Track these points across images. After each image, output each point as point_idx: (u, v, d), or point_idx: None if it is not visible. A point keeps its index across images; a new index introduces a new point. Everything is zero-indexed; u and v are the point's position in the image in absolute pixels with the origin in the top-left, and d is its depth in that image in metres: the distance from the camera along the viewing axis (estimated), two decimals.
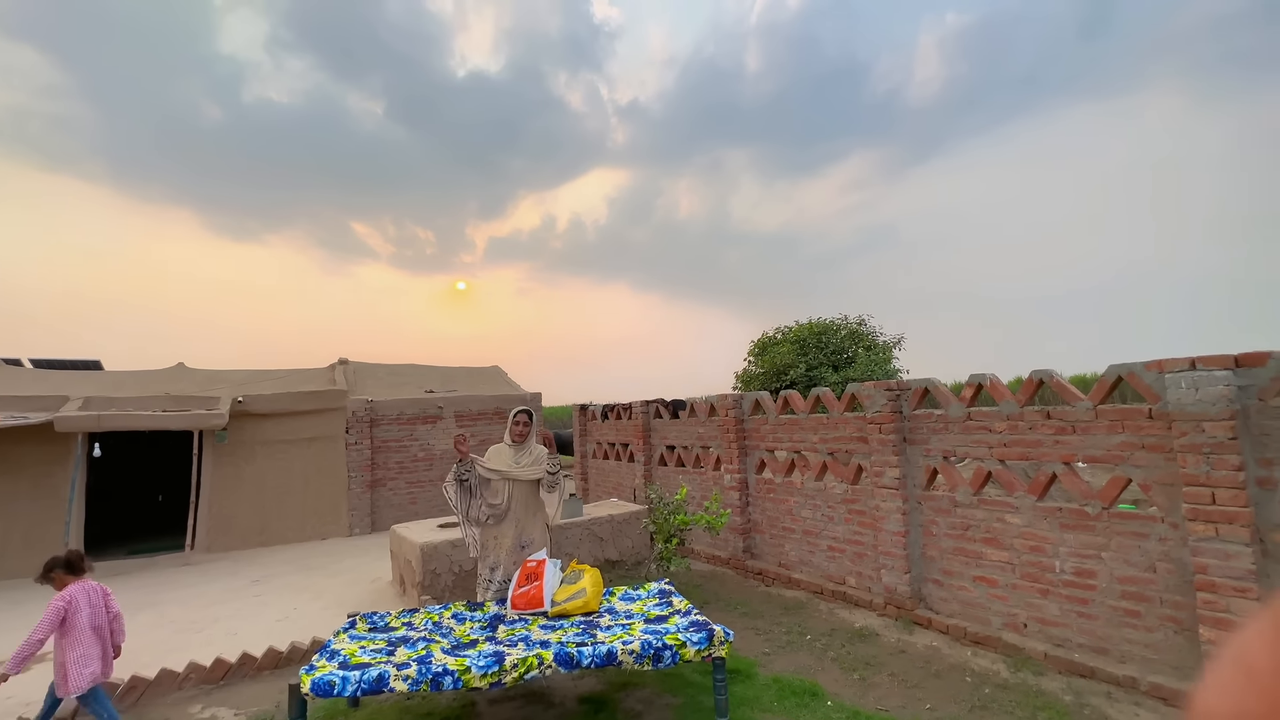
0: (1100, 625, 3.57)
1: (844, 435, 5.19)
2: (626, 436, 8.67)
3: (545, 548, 4.16)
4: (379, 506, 9.33)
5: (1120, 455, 3.49)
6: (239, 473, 8.41)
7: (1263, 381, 3.00)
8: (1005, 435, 4.04)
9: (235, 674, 4.07)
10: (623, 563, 6.26)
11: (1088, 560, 3.63)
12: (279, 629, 4.96)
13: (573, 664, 2.95)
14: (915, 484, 4.61)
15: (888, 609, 4.67)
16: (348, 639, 3.34)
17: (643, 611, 3.66)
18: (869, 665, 3.90)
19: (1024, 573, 3.93)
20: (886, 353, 15.72)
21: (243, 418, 8.44)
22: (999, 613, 4.05)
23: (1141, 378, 3.42)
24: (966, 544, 4.26)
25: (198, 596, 6.05)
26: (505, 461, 4.14)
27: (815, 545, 5.47)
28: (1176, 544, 3.27)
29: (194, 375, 9.81)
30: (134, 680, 3.79)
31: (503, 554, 4.06)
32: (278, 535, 8.51)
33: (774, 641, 4.37)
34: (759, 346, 16.84)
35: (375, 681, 2.75)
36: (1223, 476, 3.03)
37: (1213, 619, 3.06)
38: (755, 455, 6.23)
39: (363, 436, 9.29)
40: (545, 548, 4.16)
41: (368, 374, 10.78)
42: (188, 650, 4.48)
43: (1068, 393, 3.77)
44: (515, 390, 11.20)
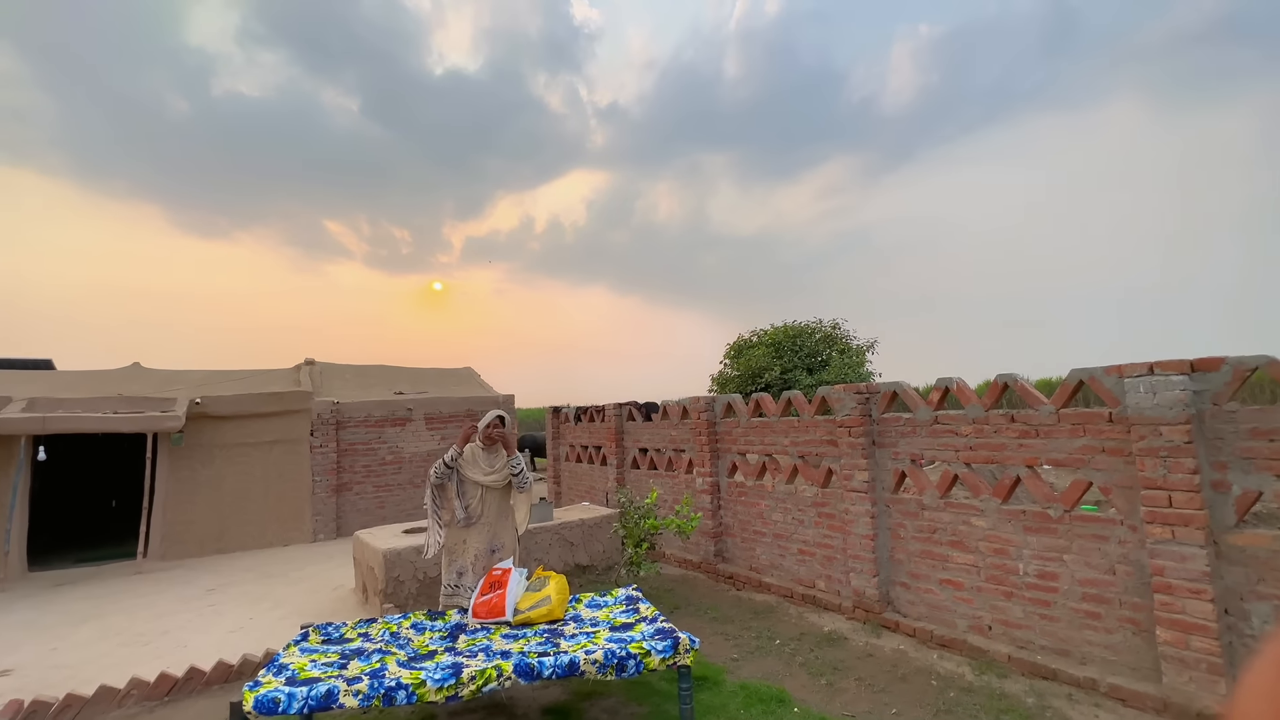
0: (1062, 627, 3.60)
1: (814, 438, 5.18)
2: (599, 439, 8.58)
3: (514, 554, 4.08)
4: (345, 511, 9.08)
5: (1081, 459, 3.53)
6: (195, 477, 8.10)
7: (1217, 386, 3.05)
8: (971, 438, 4.07)
9: (181, 689, 3.87)
10: (594, 567, 6.17)
11: (1050, 563, 3.66)
12: (232, 640, 4.76)
13: (534, 675, 2.86)
14: (884, 487, 4.61)
15: (856, 612, 4.67)
16: (298, 652, 3.19)
17: (609, 619, 3.58)
18: (836, 670, 3.88)
19: (989, 575, 3.95)
20: (860, 356, 15.90)
21: (201, 420, 8.14)
22: (964, 615, 4.07)
23: (1102, 382, 3.46)
24: (933, 547, 4.27)
25: (147, 607, 5.79)
26: (478, 467, 4.05)
27: (786, 549, 5.46)
28: (1135, 546, 3.31)
29: (150, 375, 9.44)
30: (69, 699, 3.58)
31: (469, 559, 3.95)
32: (237, 542, 8.22)
33: (743, 647, 4.33)
34: (735, 349, 16.90)
35: (324, 698, 2.62)
36: (1179, 480, 3.08)
37: (1169, 620, 3.10)
38: (727, 458, 6.20)
39: (328, 439, 9.04)
40: (514, 554, 4.08)
41: (335, 375, 10.51)
42: (132, 665, 4.26)
43: (1031, 397, 3.80)
44: (487, 392, 11.02)
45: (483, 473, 4.03)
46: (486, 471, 4.04)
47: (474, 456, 4.09)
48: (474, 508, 4.00)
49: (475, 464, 4.07)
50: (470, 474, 4.02)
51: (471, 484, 4.03)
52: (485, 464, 4.08)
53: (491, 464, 4.09)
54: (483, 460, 4.08)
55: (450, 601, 3.96)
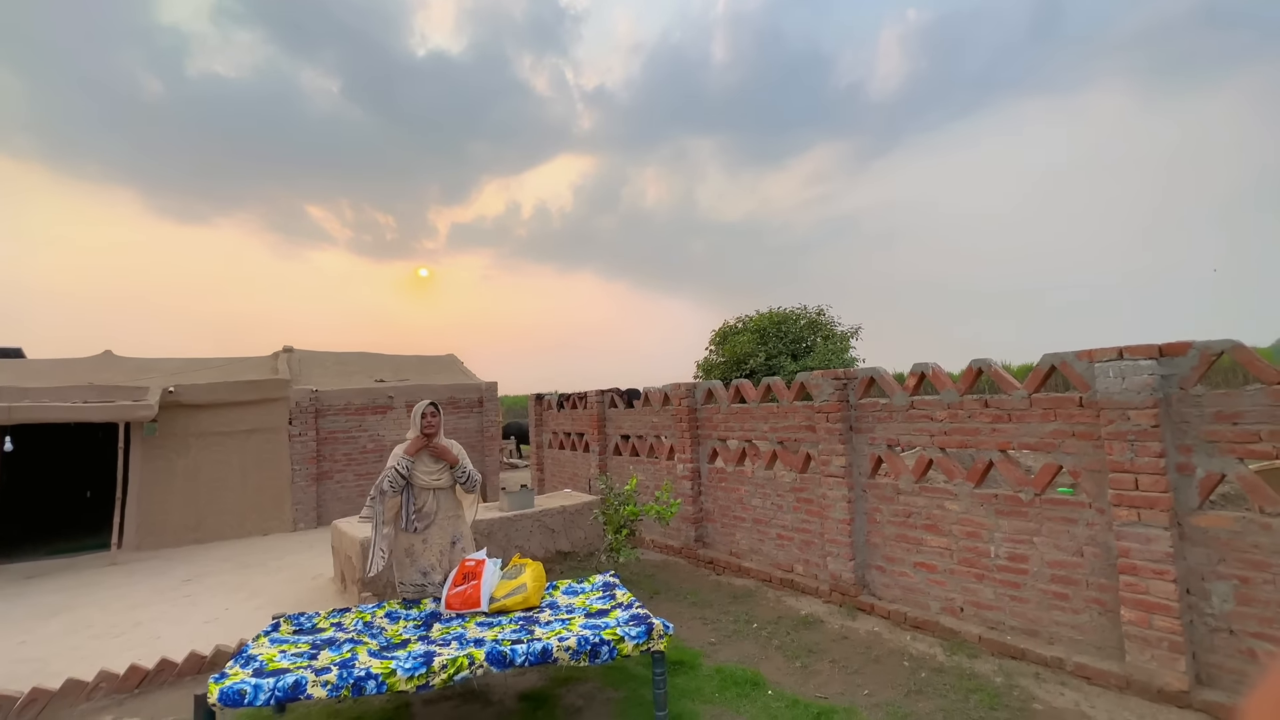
0: (1031, 608, 3.66)
1: (793, 424, 5.20)
2: (582, 426, 8.56)
3: (473, 543, 4.05)
4: (325, 500, 9.00)
5: (1052, 443, 3.57)
6: (171, 467, 7.96)
7: (1184, 371, 3.09)
8: (946, 424, 4.09)
9: (152, 681, 3.82)
10: (575, 554, 6.18)
11: (1021, 545, 3.72)
12: (207, 631, 4.70)
13: (506, 663, 2.85)
14: (861, 472, 4.64)
15: (833, 596, 4.72)
16: (268, 643, 3.15)
17: (585, 605, 3.58)
18: (811, 653, 3.92)
19: (961, 558, 4.00)
20: (844, 342, 15.99)
21: (175, 409, 7.98)
22: (938, 597, 4.13)
23: (1073, 367, 3.49)
24: (908, 531, 4.32)
25: (120, 599, 5.70)
26: (424, 462, 3.96)
27: (765, 534, 5.49)
28: (1103, 529, 3.36)
29: (122, 364, 9.23)
30: (34, 692, 3.51)
31: (434, 557, 3.89)
32: (214, 531, 8.12)
33: (721, 631, 4.36)
34: (720, 336, 16.92)
35: (290, 689, 2.59)
36: (1145, 463, 3.12)
37: (1133, 600, 3.15)
38: (708, 444, 6.21)
39: (307, 427, 8.92)
40: (473, 543, 4.05)
41: (314, 363, 10.36)
42: (103, 657, 4.20)
43: (1004, 382, 3.83)
44: (470, 379, 10.94)
45: (428, 473, 3.94)
46: (432, 471, 3.95)
47: (421, 460, 3.98)
48: (428, 508, 3.92)
49: (421, 463, 3.96)
50: (418, 475, 3.92)
51: (420, 486, 3.93)
52: (431, 463, 3.98)
53: (437, 462, 4.00)
54: (429, 459, 3.99)
55: (419, 595, 3.90)
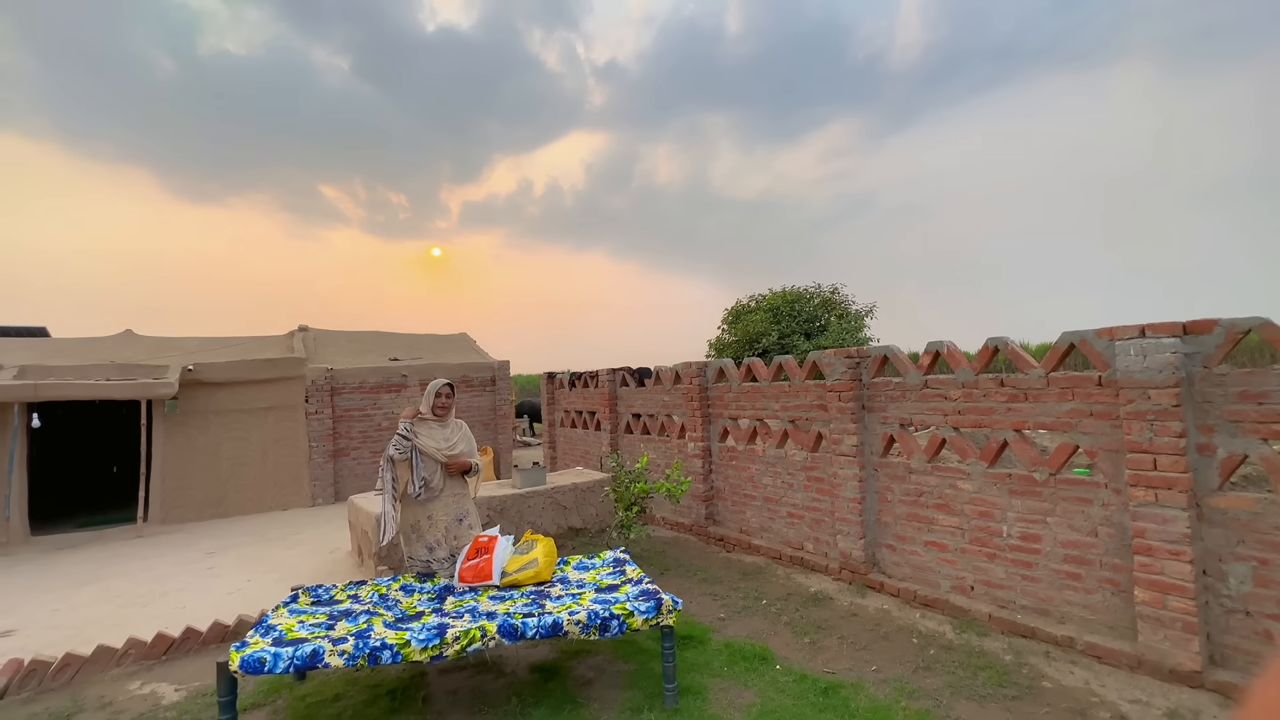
0: (1043, 587, 3.64)
1: (805, 403, 5.17)
2: (593, 405, 8.60)
3: (479, 520, 4.09)
4: (342, 476, 9.17)
5: (1069, 422, 3.51)
6: (191, 443, 8.15)
7: (1208, 349, 3.00)
8: (960, 403, 4.04)
9: (178, 649, 3.96)
10: (586, 530, 6.25)
11: (1034, 525, 3.69)
12: (229, 602, 4.85)
13: (517, 635, 2.90)
14: (872, 451, 4.62)
15: (843, 573, 4.73)
16: (287, 613, 3.24)
17: (595, 580, 3.63)
18: (820, 629, 3.95)
19: (973, 537, 3.98)
20: (858, 321, 15.83)
21: (194, 387, 8.13)
22: (948, 576, 4.13)
23: (1093, 345, 3.41)
24: (919, 510, 4.30)
25: (147, 569, 5.89)
26: (435, 439, 3.97)
27: (775, 512, 5.51)
28: (1118, 509, 3.32)
29: (143, 343, 9.40)
30: (68, 658, 3.66)
31: (440, 533, 3.94)
32: (236, 506, 8.32)
33: (730, 607, 4.41)
34: (733, 314, 16.83)
35: (309, 658, 2.67)
36: (1165, 443, 3.06)
37: (1147, 580, 3.12)
38: (719, 423, 6.21)
39: (324, 405, 9.06)
40: (479, 520, 4.09)
41: (329, 341, 10.47)
42: (131, 625, 4.35)
43: (1021, 360, 3.76)
44: (482, 358, 11.00)
45: (437, 446, 3.95)
46: (441, 445, 3.96)
47: (428, 429, 3.99)
48: (435, 482, 3.95)
49: (430, 436, 3.96)
50: (427, 447, 3.93)
51: (429, 458, 3.94)
52: (441, 437, 3.99)
53: (447, 437, 4.00)
54: (438, 433, 3.99)
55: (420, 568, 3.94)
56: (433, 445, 3.95)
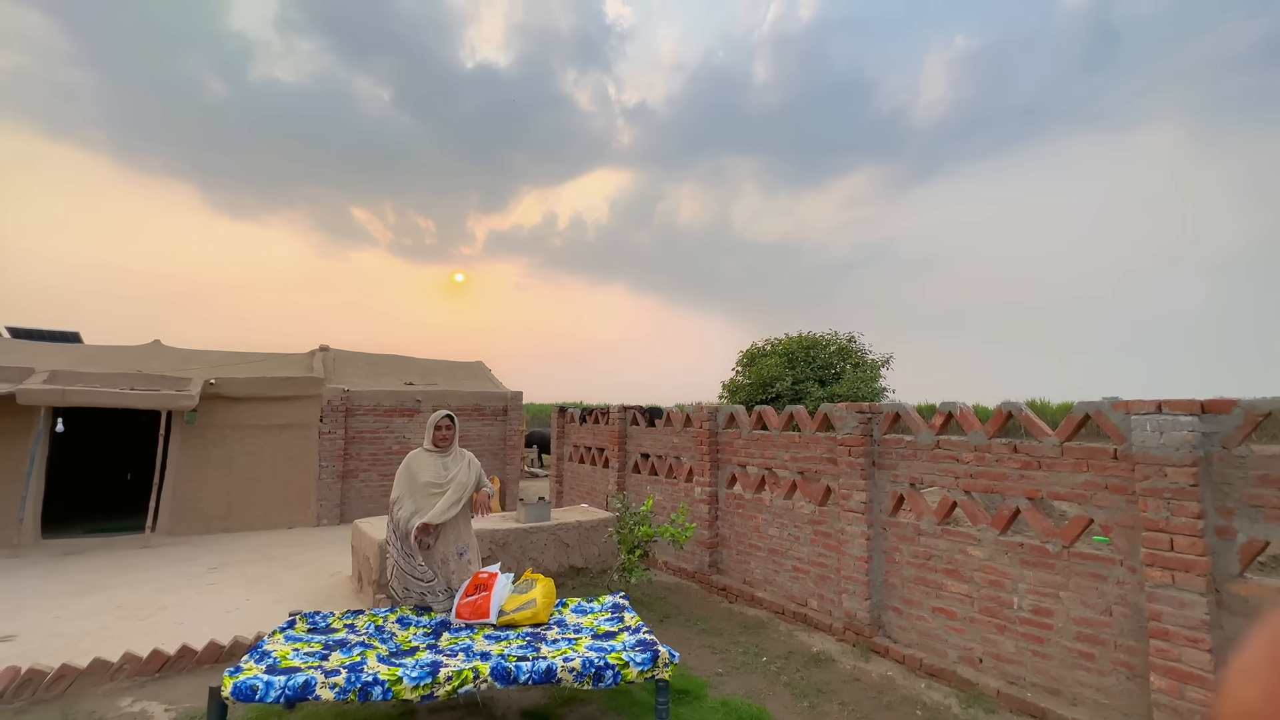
0: (1054, 665, 3.51)
1: (814, 455, 5.13)
2: (603, 441, 8.59)
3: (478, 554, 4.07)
4: (349, 498, 9.20)
5: (1084, 494, 3.45)
6: (206, 456, 8.26)
7: (1227, 429, 2.96)
8: (972, 466, 3.99)
9: (172, 667, 3.95)
10: (588, 570, 6.17)
11: (1046, 598, 3.58)
12: (228, 621, 4.84)
13: (510, 679, 2.87)
14: (881, 509, 4.55)
15: (846, 634, 4.61)
16: (282, 639, 3.24)
17: (593, 626, 3.58)
18: (821, 692, 3.83)
19: (982, 606, 3.87)
20: (874, 371, 15.71)
21: (214, 400, 8.30)
22: (956, 645, 4.00)
23: (1108, 417, 3.37)
24: (928, 573, 4.20)
25: (150, 582, 5.91)
26: (434, 471, 3.96)
27: (780, 565, 5.41)
28: (1133, 589, 3.22)
29: (169, 354, 9.66)
30: (63, 669, 3.67)
31: (436, 563, 3.92)
32: (243, 521, 8.37)
33: (729, 662, 4.30)
34: (747, 357, 16.81)
35: (300, 689, 2.65)
36: (1182, 523, 2.98)
37: (1164, 667, 3.00)
38: (727, 469, 6.17)
39: (337, 426, 9.16)
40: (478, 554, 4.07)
41: (347, 362, 10.66)
42: (129, 639, 4.36)
43: (1035, 427, 3.72)
44: (496, 387, 11.09)
45: (436, 477, 3.92)
46: (441, 477, 3.93)
47: (424, 462, 3.97)
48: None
49: (428, 469, 3.94)
50: (425, 480, 3.90)
51: (425, 491, 3.90)
52: (440, 469, 3.96)
53: (446, 466, 3.97)
54: (437, 465, 3.97)
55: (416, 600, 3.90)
56: (429, 477, 3.93)
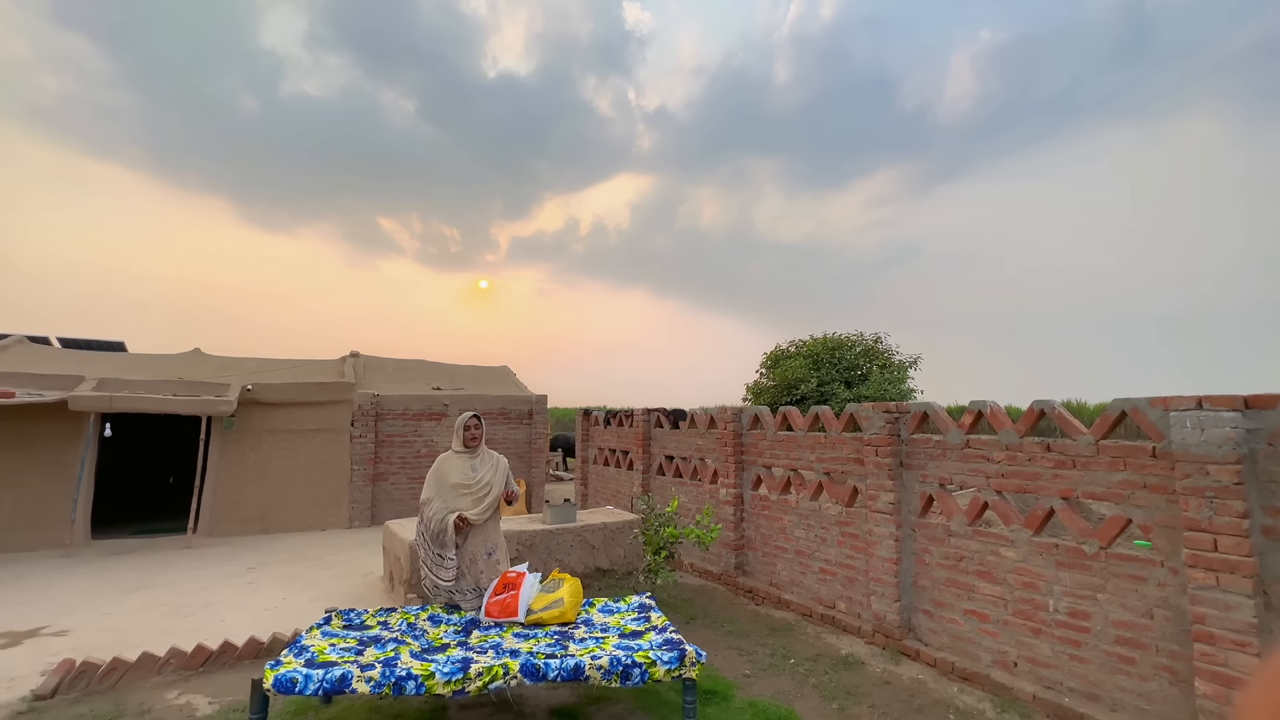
0: (1093, 670, 3.42)
1: (841, 456, 5.08)
2: (627, 444, 8.63)
3: (506, 553, 4.12)
4: (380, 500, 9.40)
5: (1121, 494, 3.36)
6: (244, 459, 8.53)
7: (1273, 425, 2.86)
8: (1004, 465, 3.92)
9: (215, 662, 4.09)
10: (614, 572, 6.20)
11: (1083, 601, 3.49)
12: (266, 618, 5.00)
13: (539, 676, 2.91)
14: (910, 510, 4.49)
15: (876, 637, 4.55)
16: (320, 635, 3.33)
17: (619, 625, 3.61)
18: (850, 695, 3.79)
19: (1016, 609, 3.79)
20: (902, 372, 15.46)
21: (251, 405, 8.57)
22: (989, 649, 3.92)
23: (1146, 414, 3.28)
24: (959, 575, 4.13)
25: (192, 580, 6.13)
26: (462, 473, 4.02)
27: (807, 566, 5.36)
28: (1175, 590, 3.12)
29: (209, 361, 10.00)
30: (115, 662, 3.83)
31: (465, 562, 3.99)
32: (279, 523, 8.61)
33: (756, 663, 4.28)
34: (771, 359, 16.69)
35: (338, 682, 2.73)
36: (1226, 523, 2.89)
37: (1209, 672, 2.91)
38: (752, 470, 6.14)
39: (368, 430, 9.37)
40: (506, 553, 4.12)
41: (377, 368, 10.90)
42: (173, 634, 4.53)
43: (1070, 426, 3.64)
44: (521, 391, 11.22)
45: (465, 478, 3.99)
46: (469, 477, 4.00)
47: (453, 464, 4.04)
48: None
49: (457, 470, 4.01)
50: (454, 481, 3.97)
51: (454, 492, 3.97)
52: (469, 470, 4.03)
53: (475, 468, 4.04)
54: (466, 466, 4.04)
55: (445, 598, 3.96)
56: (458, 478, 4.01)
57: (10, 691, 3.69)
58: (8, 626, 4.80)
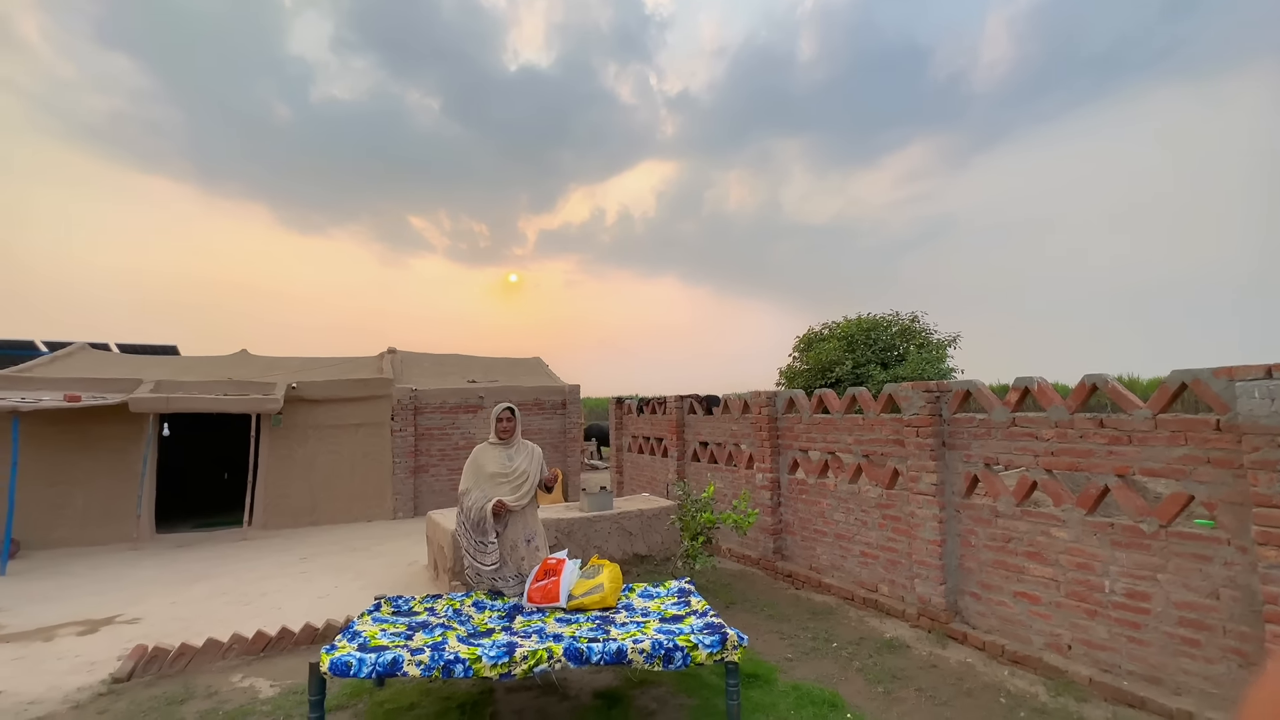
0: (1154, 652, 3.29)
1: (880, 437, 4.98)
2: (661, 431, 8.64)
3: (545, 540, 4.18)
4: (421, 492, 9.65)
5: (1182, 469, 3.20)
6: (292, 455, 8.86)
7: None
8: (1053, 443, 3.78)
9: (274, 647, 4.28)
10: (651, 558, 6.24)
11: (1141, 581, 3.35)
12: (319, 606, 5.20)
13: (582, 659, 2.95)
14: (954, 491, 4.37)
15: (920, 620, 4.47)
16: (370, 621, 3.45)
17: (660, 610, 3.63)
18: (896, 678, 3.74)
19: (1070, 591, 3.67)
20: (940, 351, 15.04)
21: (296, 403, 8.88)
22: (1040, 631, 3.81)
23: (1209, 386, 3.11)
24: (1008, 557, 4.02)
25: (250, 570, 6.42)
26: (499, 462, 4.09)
27: (847, 550, 5.29)
28: (1244, 570, 2.97)
29: (255, 361, 10.39)
30: (183, 648, 4.04)
31: (506, 549, 4.05)
32: (327, 516, 8.94)
33: (798, 647, 4.26)
34: (804, 342, 16.45)
35: (389, 665, 2.83)
36: None
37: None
38: (788, 455, 6.08)
39: (407, 424, 9.61)
40: (545, 540, 4.18)
41: (414, 363, 11.15)
42: (235, 621, 4.76)
43: (1125, 400, 3.48)
44: (554, 382, 11.33)
45: (501, 468, 4.04)
46: (506, 467, 4.05)
47: (490, 455, 4.09)
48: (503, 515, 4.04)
49: (493, 460, 4.07)
50: (491, 471, 4.03)
51: (491, 481, 4.03)
52: (505, 460, 4.08)
53: (511, 458, 4.10)
54: (502, 456, 4.09)
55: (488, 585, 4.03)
56: (494, 469, 4.07)
57: (91, 675, 3.94)
58: (86, 615, 5.12)
